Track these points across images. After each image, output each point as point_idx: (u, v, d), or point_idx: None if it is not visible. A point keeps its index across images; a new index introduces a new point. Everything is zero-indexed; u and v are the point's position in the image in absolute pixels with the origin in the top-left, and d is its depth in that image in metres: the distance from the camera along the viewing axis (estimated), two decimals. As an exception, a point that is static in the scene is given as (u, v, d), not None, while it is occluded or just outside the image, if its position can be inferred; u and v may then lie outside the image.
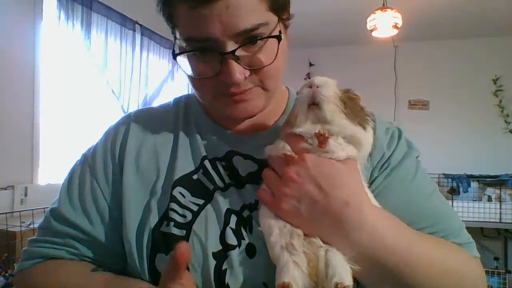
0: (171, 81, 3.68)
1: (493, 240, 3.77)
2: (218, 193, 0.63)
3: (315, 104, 0.55)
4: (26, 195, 2.31)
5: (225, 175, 0.65)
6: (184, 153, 0.67)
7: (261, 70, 0.58)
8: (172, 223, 0.60)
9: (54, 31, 2.53)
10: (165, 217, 0.61)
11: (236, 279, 0.57)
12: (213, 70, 0.57)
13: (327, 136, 0.53)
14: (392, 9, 2.91)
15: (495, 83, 4.07)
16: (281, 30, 0.59)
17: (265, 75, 0.59)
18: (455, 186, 3.73)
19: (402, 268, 0.53)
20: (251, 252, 0.58)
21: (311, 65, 4.50)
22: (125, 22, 3.04)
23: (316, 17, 3.65)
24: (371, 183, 0.63)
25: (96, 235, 0.65)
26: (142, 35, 3.24)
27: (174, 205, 0.61)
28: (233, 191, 0.63)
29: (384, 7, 2.94)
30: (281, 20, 0.59)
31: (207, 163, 0.65)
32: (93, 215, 0.65)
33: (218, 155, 0.66)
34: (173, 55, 0.59)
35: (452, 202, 3.37)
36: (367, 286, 0.57)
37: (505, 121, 4.03)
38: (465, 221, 0.63)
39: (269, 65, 0.57)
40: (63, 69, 2.67)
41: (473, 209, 3.40)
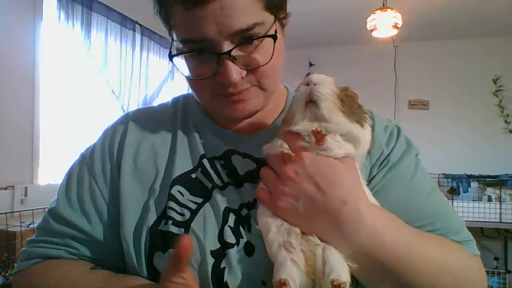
0: (171, 81, 3.68)
1: (493, 240, 3.77)
2: (216, 192, 0.63)
3: (312, 101, 0.55)
4: (26, 195, 2.30)
5: (224, 174, 0.65)
6: (182, 152, 0.67)
7: (258, 69, 0.58)
8: (170, 222, 0.60)
9: (54, 31, 2.53)
10: (163, 216, 0.61)
11: (234, 277, 0.57)
12: (210, 70, 0.57)
13: (324, 133, 0.53)
14: (392, 9, 2.91)
15: (495, 83, 4.07)
16: (278, 29, 0.59)
17: (262, 74, 0.59)
18: (455, 186, 3.74)
19: (400, 266, 0.53)
20: (249, 250, 0.58)
21: (311, 65, 4.51)
22: (125, 22, 3.04)
23: (316, 17, 3.65)
24: (370, 181, 0.63)
25: (95, 235, 0.65)
26: (142, 35, 3.24)
27: (172, 204, 0.61)
28: (231, 189, 0.63)
29: (384, 7, 2.94)
30: (278, 19, 0.59)
31: (205, 161, 0.65)
32: (91, 215, 0.65)
33: (216, 154, 0.66)
34: (169, 56, 0.60)
35: (452, 202, 3.37)
36: (365, 284, 0.57)
37: (505, 121, 4.03)
38: (465, 221, 0.63)
39: (265, 64, 0.57)
40: (63, 69, 2.67)
41: (473, 209, 3.40)
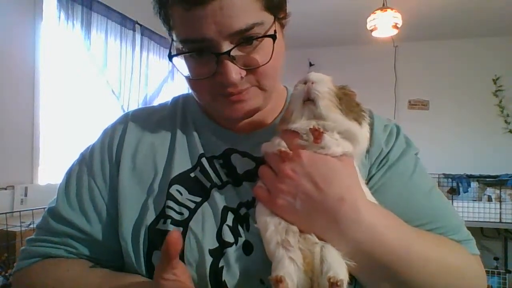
0: (171, 81, 3.67)
1: (493, 240, 3.77)
2: (215, 191, 0.63)
3: (310, 100, 0.55)
4: (26, 195, 2.30)
5: (222, 173, 0.65)
6: (181, 151, 0.67)
7: (257, 69, 0.58)
8: (169, 220, 0.60)
9: (54, 31, 2.53)
10: (162, 215, 0.61)
11: (232, 276, 0.57)
12: (209, 71, 0.57)
13: (322, 131, 0.53)
14: (392, 9, 2.91)
15: (495, 83, 4.07)
16: (277, 29, 0.59)
17: (261, 74, 0.59)
18: (455, 186, 3.73)
19: (399, 264, 0.53)
20: (247, 249, 0.58)
21: (311, 65, 4.50)
22: (125, 22, 3.04)
23: (316, 17, 3.65)
24: (369, 180, 0.63)
25: (94, 234, 0.65)
26: (142, 35, 3.24)
27: (171, 203, 0.61)
28: (230, 188, 0.63)
29: (384, 7, 2.94)
30: (277, 19, 0.59)
31: (204, 161, 0.65)
32: (90, 214, 0.65)
33: (215, 153, 0.67)
34: (169, 56, 0.60)
35: (452, 202, 3.36)
36: (364, 282, 0.57)
37: (505, 121, 4.03)
38: (465, 221, 0.63)
39: (265, 64, 0.57)
40: (63, 69, 2.67)
41: (473, 209, 3.40)
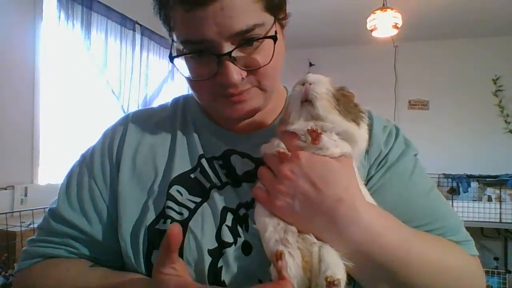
0: (171, 81, 3.68)
1: (493, 240, 3.77)
2: (214, 191, 0.63)
3: (307, 101, 0.55)
4: (26, 195, 2.30)
5: (222, 174, 0.65)
6: (181, 152, 0.67)
7: (258, 70, 0.58)
8: (169, 221, 0.60)
9: (54, 31, 2.53)
10: (162, 215, 0.61)
11: (231, 276, 0.57)
12: (210, 71, 0.57)
13: (320, 132, 0.53)
14: (392, 9, 2.91)
15: (495, 83, 4.07)
16: (278, 30, 0.59)
17: (262, 75, 0.59)
18: (455, 186, 3.73)
19: (397, 265, 0.53)
20: (247, 249, 0.59)
21: (311, 65, 4.50)
22: (125, 22, 3.04)
23: (316, 17, 3.65)
24: (368, 181, 0.63)
25: (94, 235, 0.65)
26: (142, 35, 3.24)
27: (171, 203, 0.62)
28: (229, 189, 0.64)
29: (384, 7, 2.94)
30: (278, 20, 0.60)
31: (204, 161, 0.66)
32: (91, 215, 0.66)
33: (215, 154, 0.67)
34: (170, 58, 0.60)
35: (452, 202, 3.37)
36: (362, 283, 0.57)
37: (505, 121, 4.03)
38: (465, 221, 0.63)
39: (266, 65, 0.57)
40: (63, 69, 2.67)
41: (473, 209, 3.39)
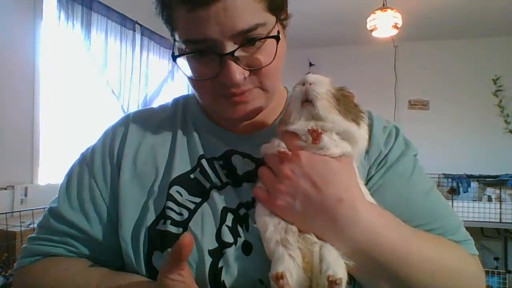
0: (171, 81, 3.67)
1: (493, 240, 3.77)
2: (214, 192, 0.63)
3: (308, 101, 0.56)
4: (26, 195, 2.30)
5: (222, 174, 0.65)
6: (181, 152, 0.67)
7: (260, 70, 0.58)
8: (169, 221, 0.60)
9: (54, 31, 2.53)
10: (162, 216, 0.61)
11: (232, 277, 0.57)
12: (212, 71, 0.57)
13: (320, 132, 0.54)
14: (392, 9, 2.91)
15: (495, 83, 4.07)
16: (280, 30, 0.59)
17: (264, 75, 0.59)
18: (455, 186, 3.73)
19: (397, 264, 0.53)
20: (247, 249, 0.59)
21: (311, 65, 4.50)
22: (125, 22, 3.04)
23: (316, 17, 3.65)
24: (368, 181, 0.64)
25: (93, 234, 0.65)
26: (142, 35, 3.24)
27: (171, 204, 0.62)
28: (229, 189, 0.64)
29: (384, 7, 2.94)
30: (279, 20, 0.60)
31: (204, 162, 0.66)
32: (91, 215, 0.66)
33: (216, 155, 0.67)
34: (172, 57, 0.60)
35: (452, 202, 3.37)
36: (363, 282, 0.57)
37: (505, 121, 4.03)
38: (465, 221, 0.63)
39: (268, 65, 0.58)
40: (63, 69, 2.67)
41: (473, 209, 3.40)
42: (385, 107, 4.20)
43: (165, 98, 3.49)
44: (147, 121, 0.72)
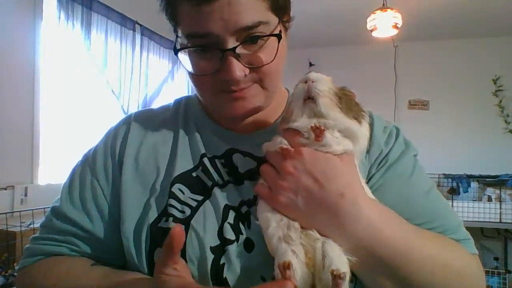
0: (171, 81, 3.68)
1: (493, 240, 3.77)
2: (216, 189, 0.63)
3: (310, 98, 0.56)
4: (26, 195, 2.30)
5: (224, 172, 0.65)
6: (183, 151, 0.67)
7: (260, 68, 0.58)
8: (171, 219, 0.60)
9: (54, 31, 2.53)
10: (164, 213, 0.62)
11: (234, 273, 0.57)
12: (213, 66, 0.57)
13: (323, 128, 0.54)
14: (392, 9, 2.92)
15: (495, 83, 4.07)
16: (281, 31, 0.59)
17: (264, 73, 0.59)
18: (455, 186, 3.73)
19: (398, 260, 0.53)
20: (249, 246, 0.59)
21: (311, 65, 4.50)
22: (125, 22, 3.04)
23: (316, 17, 3.65)
24: (369, 180, 0.64)
25: (96, 233, 0.66)
26: (142, 35, 3.24)
27: (173, 201, 0.62)
28: (231, 187, 0.64)
29: (384, 7, 2.94)
30: (281, 22, 0.60)
31: (206, 160, 0.66)
32: (93, 213, 0.66)
33: (217, 153, 0.67)
34: (174, 51, 0.60)
35: (452, 202, 3.37)
36: (365, 280, 0.57)
37: (505, 121, 4.03)
38: (465, 221, 0.63)
39: (269, 63, 0.58)
40: (63, 69, 2.67)
41: (473, 209, 3.39)
42: (385, 107, 4.20)
43: (165, 98, 3.50)
44: (149, 120, 0.72)
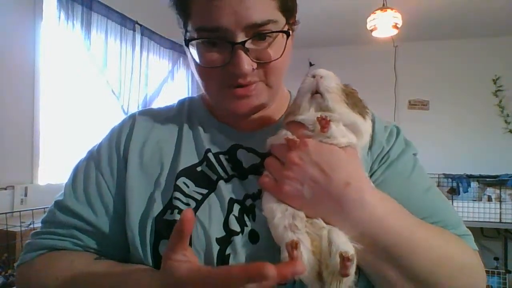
0: (171, 81, 3.68)
1: (493, 240, 3.77)
2: (221, 183, 0.64)
3: (318, 93, 0.57)
4: (26, 195, 2.30)
5: (228, 167, 0.66)
6: (187, 147, 0.68)
7: (267, 65, 0.60)
8: (176, 211, 0.61)
9: (54, 31, 2.53)
10: (169, 206, 0.62)
11: (239, 263, 0.57)
12: (222, 60, 0.59)
13: (329, 119, 0.55)
14: (392, 9, 2.91)
15: (495, 83, 4.07)
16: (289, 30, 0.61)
17: (270, 70, 0.61)
18: (455, 186, 3.73)
19: (402, 249, 0.54)
20: (254, 238, 0.59)
21: (311, 65, 4.50)
22: (125, 22, 3.04)
23: (316, 17, 3.65)
24: (371, 176, 0.65)
25: (100, 226, 0.66)
26: (142, 35, 3.24)
27: (178, 194, 0.62)
28: (236, 181, 0.64)
29: (384, 7, 2.94)
30: (288, 24, 0.62)
31: (210, 155, 0.66)
32: (97, 207, 0.66)
33: (221, 149, 0.68)
34: (185, 42, 0.61)
35: (452, 202, 3.37)
36: (368, 270, 0.57)
37: (505, 121, 4.03)
38: (465, 221, 0.63)
39: (276, 60, 0.60)
40: (63, 69, 2.67)
41: (473, 209, 3.39)
42: (385, 107, 4.20)
43: (165, 98, 3.50)
44: (153, 118, 0.73)
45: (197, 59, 0.61)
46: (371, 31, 3.03)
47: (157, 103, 3.40)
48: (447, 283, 0.57)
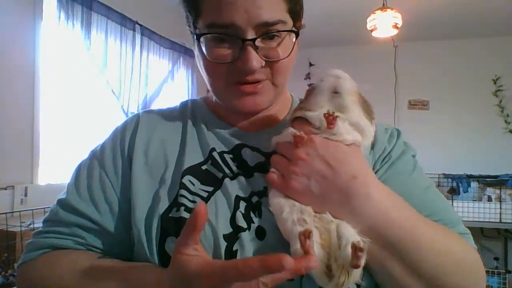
0: (171, 81, 3.67)
1: (493, 240, 3.77)
2: (227, 181, 0.64)
3: (336, 93, 0.59)
4: (26, 195, 2.30)
5: (234, 166, 0.66)
6: (192, 146, 0.68)
7: (275, 63, 0.62)
8: (182, 208, 0.61)
9: (54, 31, 2.53)
10: (175, 203, 0.62)
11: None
12: (231, 56, 0.60)
13: (336, 115, 0.56)
14: (392, 9, 2.92)
15: (495, 83, 4.08)
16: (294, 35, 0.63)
17: (277, 69, 0.62)
18: (455, 186, 3.74)
19: (407, 241, 0.55)
20: (260, 234, 0.60)
21: (311, 65, 4.51)
22: (125, 22, 3.04)
23: (316, 17, 3.65)
24: None
25: (104, 224, 0.65)
26: (142, 35, 3.24)
27: (184, 192, 0.62)
28: (241, 179, 0.65)
29: (384, 7, 2.94)
30: (295, 26, 0.63)
31: (215, 154, 0.67)
32: (101, 205, 0.66)
33: (226, 148, 0.68)
34: (197, 36, 0.62)
35: (452, 202, 3.37)
36: (373, 264, 0.57)
37: (505, 121, 4.04)
38: (465, 221, 0.64)
39: (284, 59, 0.61)
40: (63, 69, 2.67)
41: (473, 209, 3.40)
42: (385, 107, 4.21)
43: (165, 98, 3.50)
44: (157, 117, 0.73)
45: (207, 54, 0.62)
46: (371, 31, 3.03)
47: (157, 103, 3.39)
48: (449, 278, 0.57)
